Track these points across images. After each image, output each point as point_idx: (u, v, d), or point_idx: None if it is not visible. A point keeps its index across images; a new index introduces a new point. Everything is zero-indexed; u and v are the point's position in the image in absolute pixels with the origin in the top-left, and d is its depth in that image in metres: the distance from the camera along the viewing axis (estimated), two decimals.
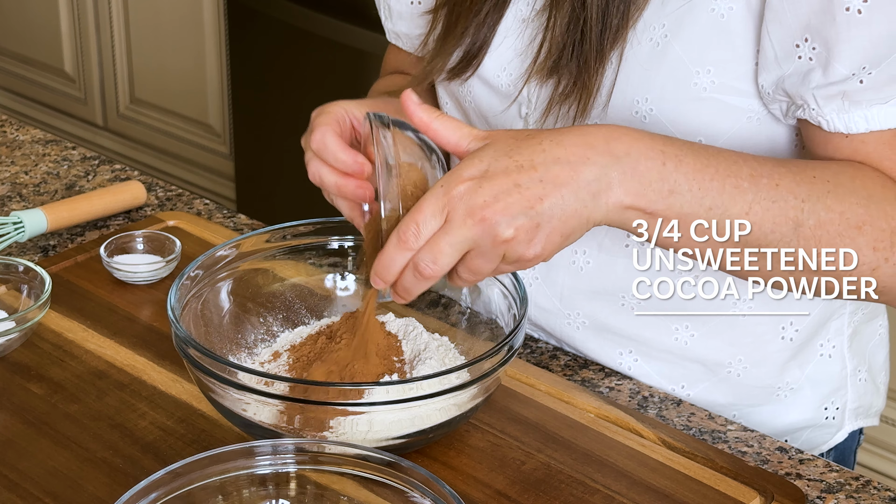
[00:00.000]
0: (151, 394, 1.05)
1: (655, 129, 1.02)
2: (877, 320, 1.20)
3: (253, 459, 0.87)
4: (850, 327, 1.16)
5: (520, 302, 1.00)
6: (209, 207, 1.37)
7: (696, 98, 1.01)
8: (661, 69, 1.01)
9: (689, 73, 1.00)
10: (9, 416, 1.02)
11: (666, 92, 1.02)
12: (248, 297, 1.08)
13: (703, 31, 0.99)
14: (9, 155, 1.49)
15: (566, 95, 1.03)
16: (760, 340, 1.12)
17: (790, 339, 1.12)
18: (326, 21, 2.64)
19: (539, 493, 0.95)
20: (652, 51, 1.01)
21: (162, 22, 3.24)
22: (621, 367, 1.14)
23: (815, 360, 1.15)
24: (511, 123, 1.11)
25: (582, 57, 1.01)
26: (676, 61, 1.01)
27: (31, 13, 3.58)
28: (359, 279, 1.12)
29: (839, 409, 1.18)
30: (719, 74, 1.00)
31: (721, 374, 1.13)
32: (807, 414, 1.16)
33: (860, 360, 1.18)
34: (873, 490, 1.00)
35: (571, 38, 1.01)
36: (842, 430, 1.19)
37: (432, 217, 0.87)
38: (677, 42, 1.00)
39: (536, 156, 0.88)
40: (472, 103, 1.14)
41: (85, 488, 0.94)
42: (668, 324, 1.11)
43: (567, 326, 1.15)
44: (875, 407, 1.22)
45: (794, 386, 1.15)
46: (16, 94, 3.75)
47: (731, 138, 1.01)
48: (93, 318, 1.14)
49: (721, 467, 0.99)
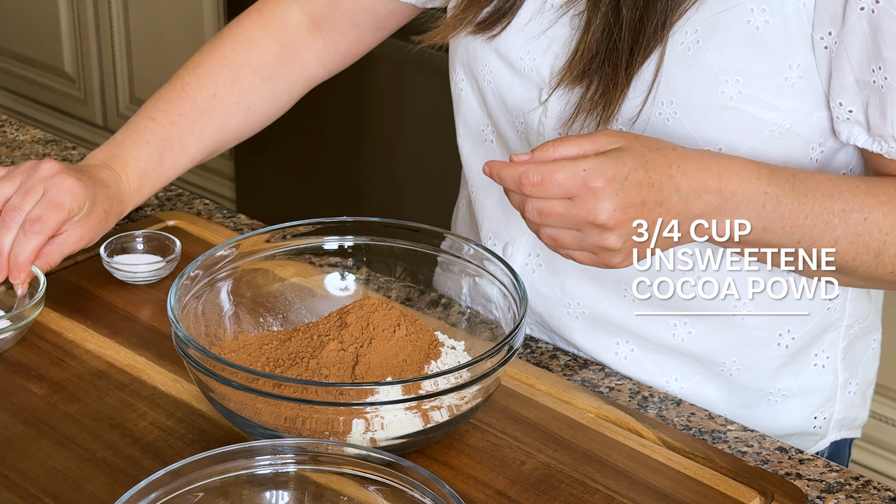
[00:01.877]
0: (151, 394, 1.05)
1: (677, 133, 1.03)
2: (871, 335, 1.20)
3: (253, 459, 0.87)
4: (846, 340, 1.16)
5: (520, 302, 1.00)
6: (209, 207, 1.37)
7: (722, 106, 1.01)
8: (689, 74, 1.01)
9: (717, 80, 1.01)
10: (9, 416, 1.02)
11: (693, 97, 1.02)
12: (248, 297, 1.08)
13: (736, 40, 0.99)
14: (9, 155, 1.49)
15: (594, 105, 1.05)
16: (757, 344, 1.13)
17: (786, 346, 1.13)
18: None
19: (539, 493, 0.95)
20: (683, 55, 1.01)
21: (162, 22, 3.24)
22: (616, 356, 1.14)
23: (809, 370, 1.15)
24: (528, 108, 1.11)
25: (612, 66, 1.02)
26: (705, 68, 1.01)
27: (31, 13, 3.58)
28: (359, 279, 1.12)
29: (826, 419, 1.18)
30: (747, 85, 1.00)
31: (714, 370, 1.13)
32: (797, 421, 1.17)
33: (852, 373, 1.19)
34: (873, 490, 1.00)
35: (605, 42, 1.03)
36: (824, 440, 1.19)
37: (559, 186, 0.91)
38: (709, 49, 1.00)
39: (665, 179, 0.93)
40: (490, 83, 1.14)
41: (85, 488, 0.94)
42: (667, 319, 1.12)
43: (565, 315, 1.15)
44: (859, 420, 1.23)
45: (787, 393, 1.15)
46: (16, 94, 3.75)
47: (751, 150, 1.02)
48: (93, 318, 1.14)
49: (721, 467, 0.99)
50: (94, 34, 3.44)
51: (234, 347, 1.03)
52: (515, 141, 1.15)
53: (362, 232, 1.10)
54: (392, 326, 1.01)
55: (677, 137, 1.03)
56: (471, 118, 1.19)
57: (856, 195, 0.98)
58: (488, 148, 1.19)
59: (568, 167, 0.91)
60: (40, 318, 1.14)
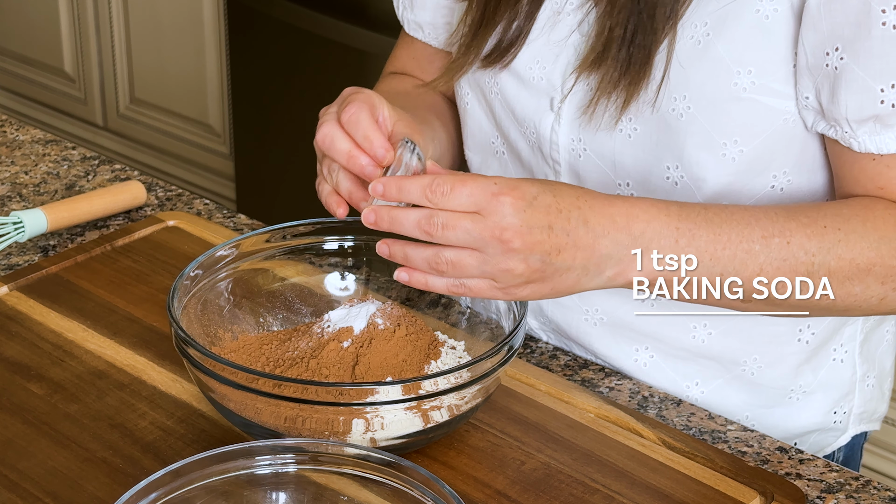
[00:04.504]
0: (151, 394, 1.05)
1: (692, 129, 1.03)
2: (884, 325, 1.20)
3: (253, 459, 0.87)
4: (862, 333, 1.17)
5: (520, 302, 1.00)
6: (209, 207, 1.37)
7: (736, 98, 1.01)
8: (701, 67, 1.01)
9: (729, 72, 1.00)
10: (9, 416, 1.02)
11: (705, 90, 1.01)
12: (248, 297, 1.08)
13: (746, 31, 0.99)
14: (9, 155, 1.49)
15: (615, 84, 1.03)
16: (777, 341, 1.12)
17: (806, 342, 1.13)
18: (326, 21, 2.64)
19: (539, 493, 0.95)
20: (693, 49, 1.01)
21: (162, 22, 3.24)
22: (636, 363, 1.14)
23: (829, 365, 1.15)
24: (541, 117, 1.10)
25: (633, 48, 1.02)
26: (717, 60, 1.00)
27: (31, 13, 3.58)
28: (359, 279, 1.12)
29: (846, 413, 1.18)
30: (760, 75, 1.00)
31: (735, 371, 1.13)
32: (817, 418, 1.17)
33: (870, 366, 1.19)
34: (873, 490, 1.00)
35: (622, 29, 1.02)
36: (845, 434, 1.19)
37: (468, 197, 0.89)
38: (720, 41, 1.00)
39: (573, 210, 0.91)
40: (498, 94, 1.13)
41: (85, 488, 0.94)
42: (687, 322, 1.11)
43: (584, 323, 1.15)
44: (879, 412, 1.22)
45: (807, 390, 1.15)
46: (16, 94, 3.75)
47: (766, 140, 1.02)
48: (93, 318, 1.14)
49: (721, 467, 0.99)
50: (94, 34, 3.44)
51: (234, 347, 1.03)
52: (528, 152, 1.14)
53: (362, 232, 1.10)
54: (392, 326, 1.01)
55: (693, 133, 1.03)
56: (479, 132, 1.18)
57: (774, 221, 0.96)
58: (500, 160, 1.18)
59: (480, 179, 0.90)
60: (40, 318, 1.14)
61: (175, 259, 1.24)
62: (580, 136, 1.08)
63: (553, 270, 0.91)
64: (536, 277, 0.91)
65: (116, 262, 1.24)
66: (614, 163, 1.08)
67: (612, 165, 1.08)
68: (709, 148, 1.03)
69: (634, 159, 1.07)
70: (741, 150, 1.02)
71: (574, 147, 1.09)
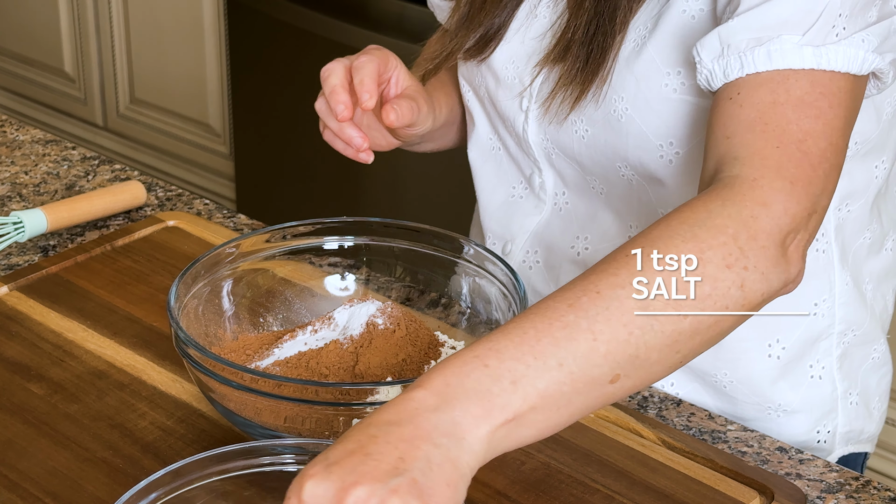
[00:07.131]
0: (151, 394, 1.05)
1: (632, 129, 1.03)
2: (871, 345, 1.18)
3: (253, 459, 0.87)
4: (840, 348, 1.14)
5: (520, 302, 1.00)
6: (209, 207, 1.37)
7: (666, 99, 1.01)
8: (636, 68, 1.02)
9: (660, 73, 1.01)
10: (9, 416, 1.02)
11: (639, 92, 1.02)
12: (248, 297, 1.08)
13: (674, 32, 1.00)
14: (9, 155, 1.49)
15: (572, 77, 1.04)
16: (745, 357, 1.11)
17: (777, 358, 1.11)
18: (326, 21, 2.64)
19: (539, 493, 0.95)
20: (632, 50, 1.02)
21: (162, 22, 3.24)
22: None
23: (807, 383, 1.13)
24: (514, 116, 1.13)
25: (593, 46, 1.03)
26: (649, 61, 1.01)
27: (31, 13, 3.58)
28: (359, 279, 1.12)
29: (830, 432, 1.16)
30: (689, 77, 1.00)
31: (709, 381, 1.13)
32: (800, 437, 1.15)
33: (851, 383, 1.16)
34: (873, 490, 1.00)
35: (584, 28, 1.03)
36: (832, 455, 1.17)
37: None
38: (651, 42, 1.01)
39: (368, 429, 0.74)
40: (485, 92, 1.16)
41: (85, 488, 0.94)
42: None
43: None
44: (867, 432, 1.20)
45: (788, 409, 1.14)
46: (16, 94, 3.75)
47: (702, 141, 1.01)
48: (93, 318, 1.14)
49: (721, 467, 0.99)
50: (94, 34, 3.44)
51: (234, 347, 1.03)
52: (516, 149, 1.17)
53: (362, 232, 1.10)
54: (392, 326, 1.01)
55: (632, 134, 1.04)
56: (480, 127, 1.20)
57: (573, 286, 0.80)
58: (496, 157, 1.20)
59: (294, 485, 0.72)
60: (40, 318, 1.14)
61: (175, 259, 1.24)
62: (547, 136, 1.10)
63: (419, 471, 0.71)
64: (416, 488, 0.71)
65: (116, 262, 1.24)
66: (579, 163, 1.11)
67: (579, 165, 1.11)
68: (646, 150, 1.04)
69: (592, 160, 1.09)
70: (677, 153, 1.03)
71: (546, 146, 1.12)
